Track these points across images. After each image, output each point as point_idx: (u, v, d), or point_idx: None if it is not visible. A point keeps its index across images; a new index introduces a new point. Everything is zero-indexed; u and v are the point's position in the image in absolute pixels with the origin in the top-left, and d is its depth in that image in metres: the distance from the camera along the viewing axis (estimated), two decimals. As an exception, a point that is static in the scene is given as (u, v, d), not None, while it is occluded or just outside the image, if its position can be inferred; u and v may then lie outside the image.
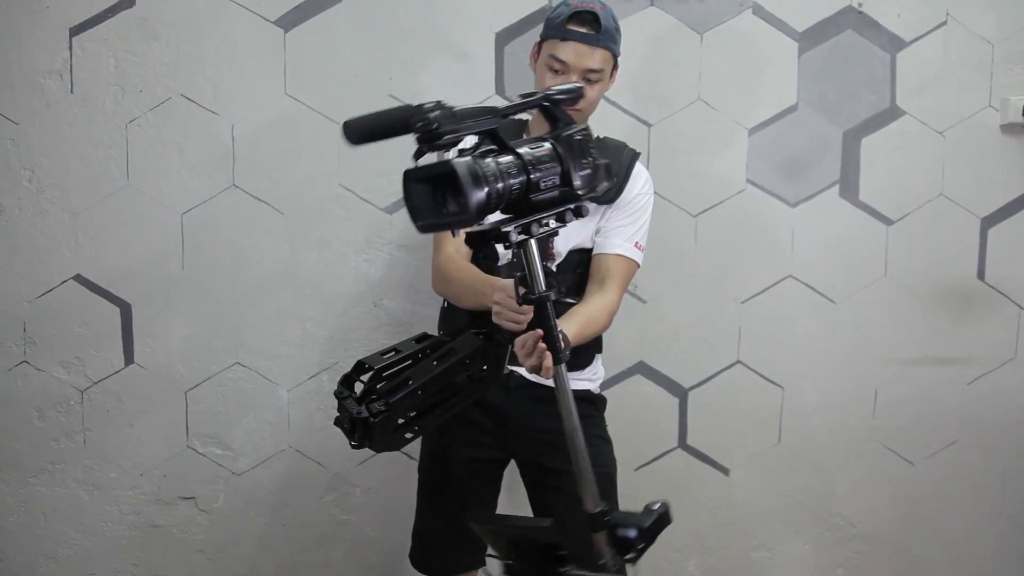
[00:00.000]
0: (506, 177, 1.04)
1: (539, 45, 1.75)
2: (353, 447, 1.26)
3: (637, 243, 1.78)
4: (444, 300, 1.85)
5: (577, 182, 1.12)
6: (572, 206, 1.14)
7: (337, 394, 1.32)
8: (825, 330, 2.39)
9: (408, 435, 1.28)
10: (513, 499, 2.13)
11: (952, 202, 2.38)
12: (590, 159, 1.14)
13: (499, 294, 1.48)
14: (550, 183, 1.10)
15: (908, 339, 2.41)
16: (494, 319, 1.48)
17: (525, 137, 1.80)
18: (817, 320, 2.38)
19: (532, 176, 1.08)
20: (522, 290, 1.19)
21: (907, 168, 2.36)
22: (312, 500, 2.29)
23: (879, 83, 2.33)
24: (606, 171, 1.18)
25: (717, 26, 2.27)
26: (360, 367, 1.38)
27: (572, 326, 1.60)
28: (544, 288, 1.17)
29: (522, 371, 1.76)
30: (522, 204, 1.10)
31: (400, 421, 1.25)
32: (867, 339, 2.40)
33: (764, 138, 2.31)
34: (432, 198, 1.07)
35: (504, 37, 2.21)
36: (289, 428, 2.26)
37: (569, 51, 1.66)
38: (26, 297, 2.17)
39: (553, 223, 1.14)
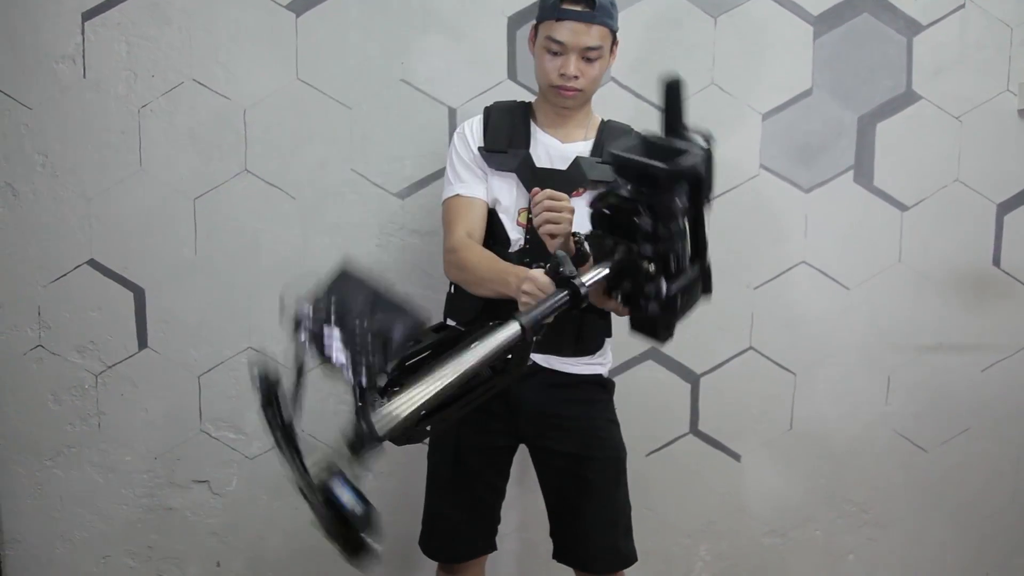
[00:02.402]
0: None
1: (535, 28, 1.73)
2: None
3: None
4: (451, 285, 1.83)
5: None
6: None
7: None
8: (838, 316, 2.38)
9: (428, 427, 1.28)
10: (523, 484, 2.14)
11: (968, 188, 2.36)
12: None
13: (528, 284, 1.44)
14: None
15: (922, 326, 2.40)
16: (521, 309, 1.46)
17: (534, 126, 1.81)
18: (830, 306, 2.37)
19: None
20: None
21: (922, 153, 2.34)
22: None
23: (895, 67, 2.31)
24: None
25: (731, 9, 2.25)
26: None
27: None
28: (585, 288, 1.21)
29: (535, 357, 1.77)
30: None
31: (422, 413, 1.24)
32: (880, 325, 2.39)
33: (778, 123, 2.30)
34: None
35: (516, 21, 2.20)
36: (302, 412, 2.27)
37: (565, 31, 1.65)
38: (41, 281, 2.18)
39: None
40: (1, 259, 2.17)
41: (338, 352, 1.09)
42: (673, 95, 1.22)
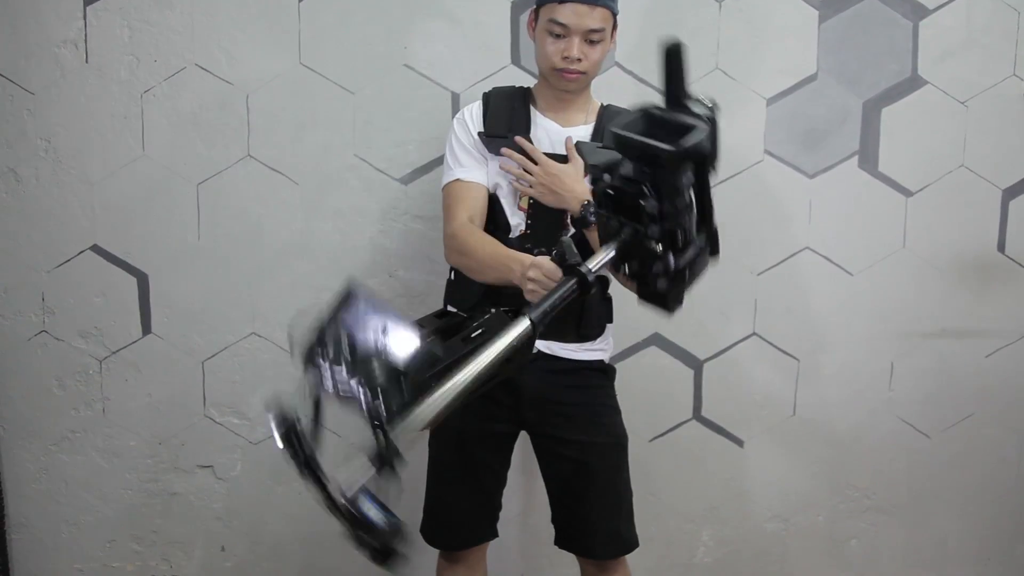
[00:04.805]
0: None
1: (536, 12, 1.72)
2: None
3: None
4: (452, 271, 1.83)
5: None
6: None
7: None
8: (842, 302, 2.37)
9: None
10: (525, 471, 2.14)
11: (973, 173, 2.35)
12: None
13: (534, 271, 1.45)
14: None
15: (926, 312, 2.40)
16: (527, 296, 1.46)
17: (534, 110, 1.80)
18: (834, 292, 2.37)
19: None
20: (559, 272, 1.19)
21: (928, 139, 2.33)
22: (329, 469, 2.31)
23: (901, 52, 2.29)
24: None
25: (736, -7, 2.24)
26: None
27: None
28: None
29: (538, 344, 1.77)
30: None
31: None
32: (884, 311, 2.38)
33: (782, 108, 2.28)
34: None
35: (520, 6, 2.19)
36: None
37: (568, 12, 1.64)
38: (44, 267, 2.19)
39: None
40: (4, 245, 2.18)
41: (349, 386, 1.09)
42: (674, 62, 1.19)
